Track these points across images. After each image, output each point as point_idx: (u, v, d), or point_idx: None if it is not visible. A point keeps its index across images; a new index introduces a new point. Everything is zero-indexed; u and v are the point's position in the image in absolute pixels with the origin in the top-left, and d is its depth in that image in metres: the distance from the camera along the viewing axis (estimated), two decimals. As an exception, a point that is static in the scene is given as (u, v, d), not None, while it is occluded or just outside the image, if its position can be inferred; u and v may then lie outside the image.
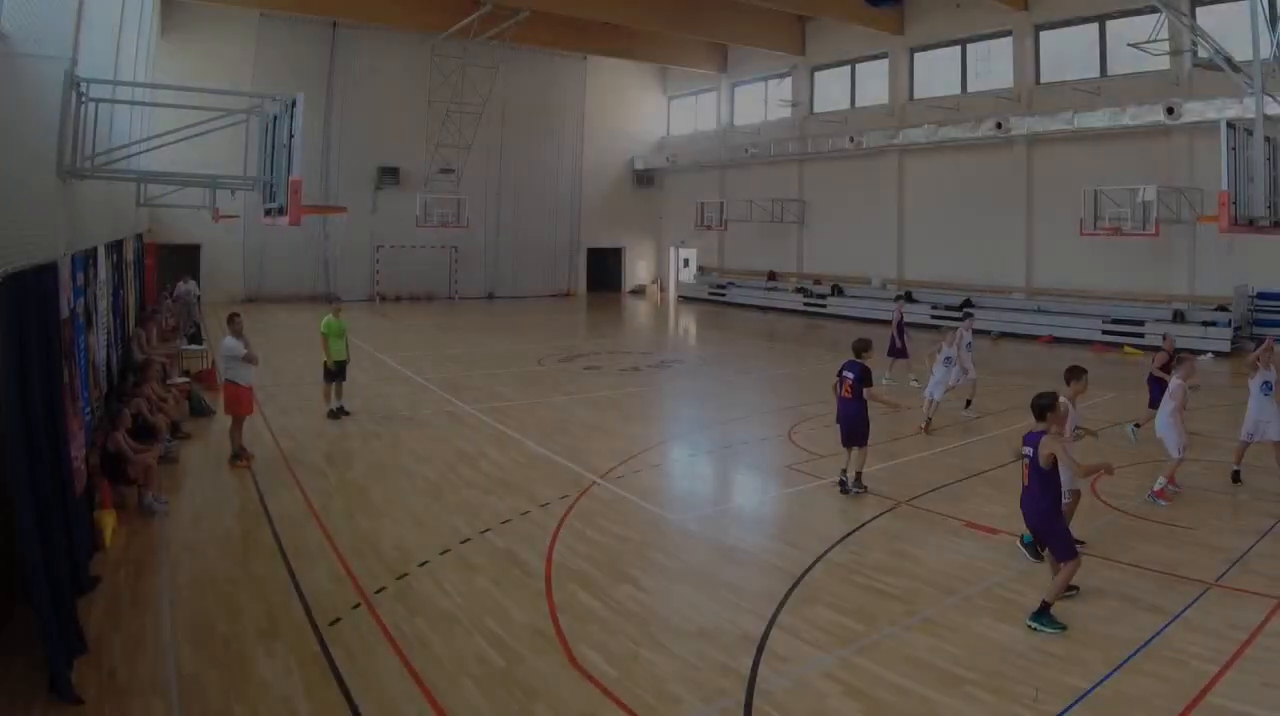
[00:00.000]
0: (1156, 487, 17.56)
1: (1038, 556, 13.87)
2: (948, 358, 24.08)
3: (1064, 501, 13.26)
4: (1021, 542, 14.51)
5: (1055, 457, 11.93)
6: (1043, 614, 11.92)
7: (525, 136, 68.91)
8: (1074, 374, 14.40)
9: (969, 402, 26.22)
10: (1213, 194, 27.13)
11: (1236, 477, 18.75)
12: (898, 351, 30.92)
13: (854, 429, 18.14)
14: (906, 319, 32.02)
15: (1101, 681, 10.30)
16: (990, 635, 11.61)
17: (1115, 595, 12.80)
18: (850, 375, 18.03)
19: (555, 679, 10.44)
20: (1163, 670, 10.52)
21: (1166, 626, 11.67)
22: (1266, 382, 18.54)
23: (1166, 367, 21.89)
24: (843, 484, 18.21)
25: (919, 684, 10.34)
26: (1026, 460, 12.20)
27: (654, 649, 11.24)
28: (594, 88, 72.32)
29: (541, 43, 60.93)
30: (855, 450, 18.23)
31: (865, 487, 18.18)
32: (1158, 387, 21.81)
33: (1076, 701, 9.87)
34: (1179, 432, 17.69)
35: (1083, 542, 13.61)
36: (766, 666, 10.78)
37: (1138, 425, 23.08)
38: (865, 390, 18.10)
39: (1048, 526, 12.26)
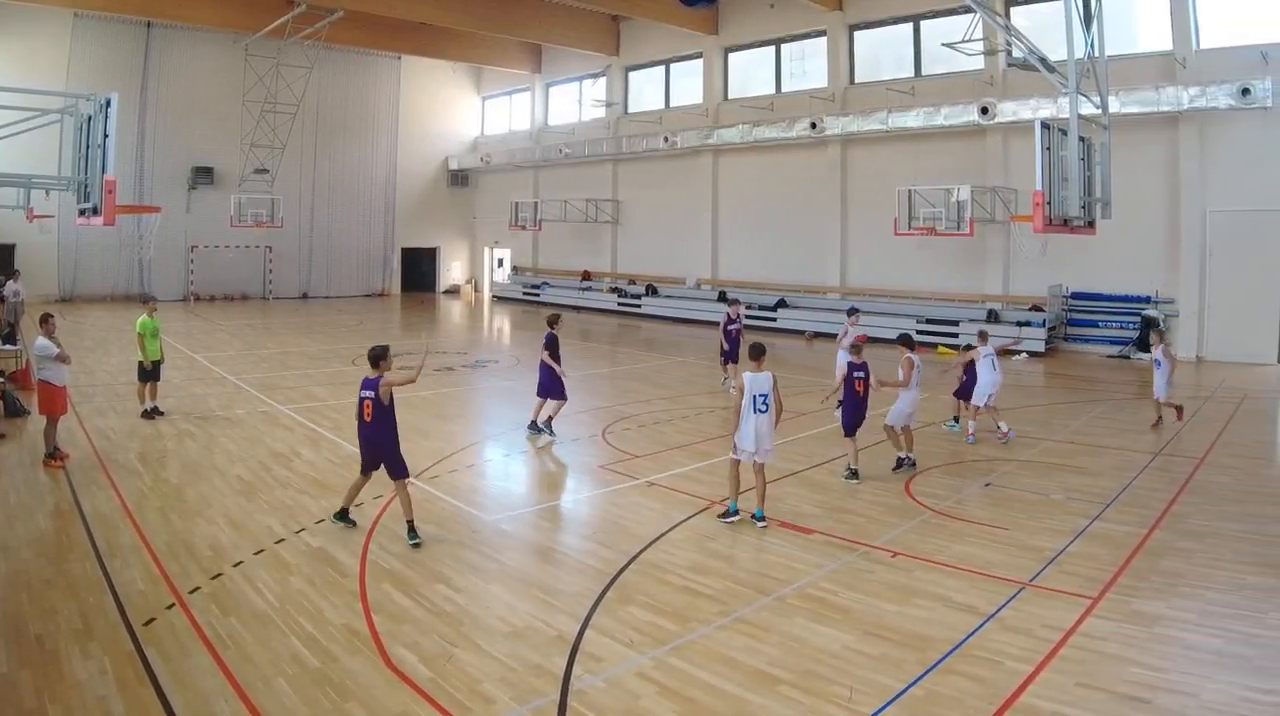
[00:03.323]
0: None
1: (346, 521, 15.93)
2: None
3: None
4: None
5: (392, 392, 15.36)
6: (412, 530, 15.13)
7: (340, 136, 69.05)
8: (758, 351, 16.84)
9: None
10: (1027, 193, 27.77)
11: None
12: (727, 354, 30.12)
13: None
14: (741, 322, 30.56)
15: (916, 681, 10.42)
16: (804, 635, 11.68)
17: (929, 595, 12.96)
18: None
19: (369, 678, 10.40)
20: (977, 670, 10.67)
21: (981, 626, 11.86)
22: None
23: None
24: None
25: (733, 684, 10.39)
26: (369, 400, 15.26)
27: (468, 649, 11.21)
28: (408, 88, 72.54)
29: (356, 43, 61.60)
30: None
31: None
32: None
33: (891, 701, 9.97)
34: None
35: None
36: (581, 666, 10.80)
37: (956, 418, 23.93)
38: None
39: (390, 453, 15.37)
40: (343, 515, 15.84)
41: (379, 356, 15.46)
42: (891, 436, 20.28)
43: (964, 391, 23.77)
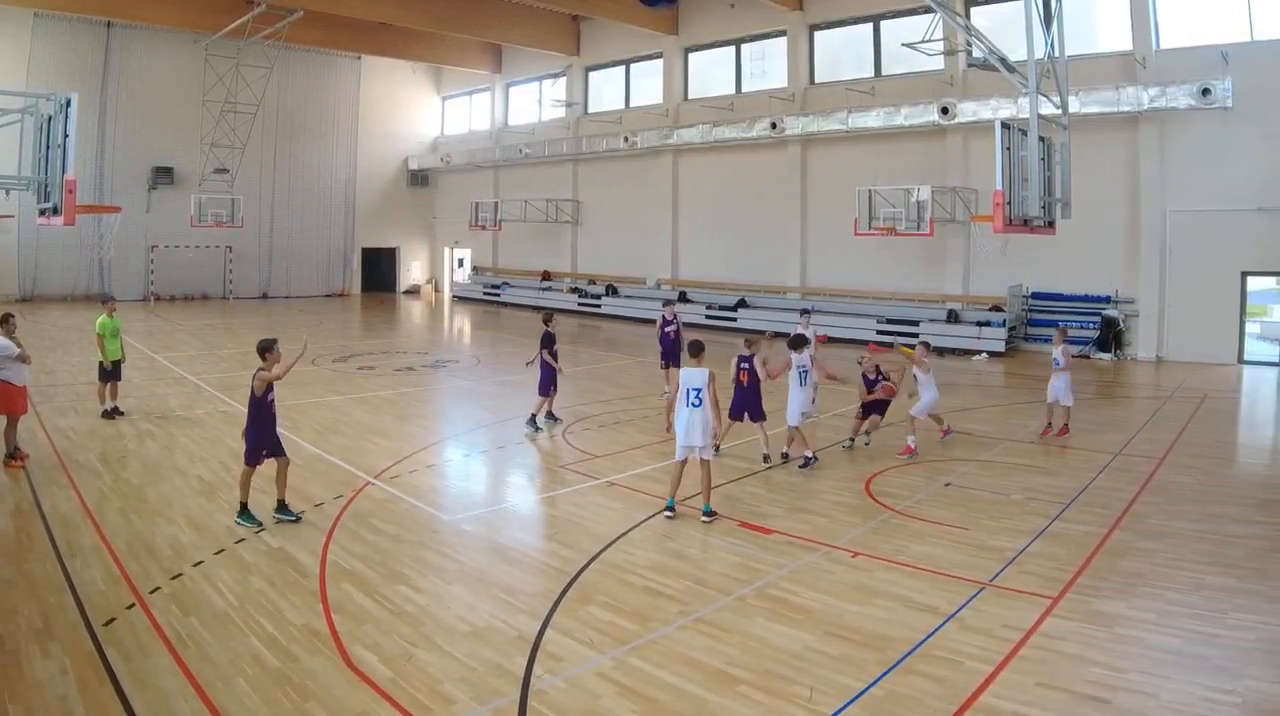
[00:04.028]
0: None
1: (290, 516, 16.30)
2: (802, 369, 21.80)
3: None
4: None
5: (269, 386, 16.23)
6: (244, 511, 15.98)
7: (300, 136, 68.90)
8: (696, 348, 17.34)
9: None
10: (987, 193, 27.86)
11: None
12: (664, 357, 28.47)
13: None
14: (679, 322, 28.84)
15: (876, 681, 10.41)
16: (765, 635, 11.67)
17: (889, 595, 12.96)
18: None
19: (329, 679, 10.37)
20: (937, 670, 10.67)
21: (941, 626, 11.86)
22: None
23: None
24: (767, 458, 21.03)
25: (693, 684, 10.39)
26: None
27: (429, 649, 11.20)
28: (368, 88, 72.45)
29: (316, 43, 61.25)
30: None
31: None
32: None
33: (851, 701, 9.97)
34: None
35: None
36: (541, 666, 10.79)
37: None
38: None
39: (247, 437, 16.24)
40: (282, 508, 16.16)
41: (263, 349, 16.39)
42: (798, 438, 20.77)
43: (874, 407, 22.50)
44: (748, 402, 20.75)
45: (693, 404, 16.40)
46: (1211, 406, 28.39)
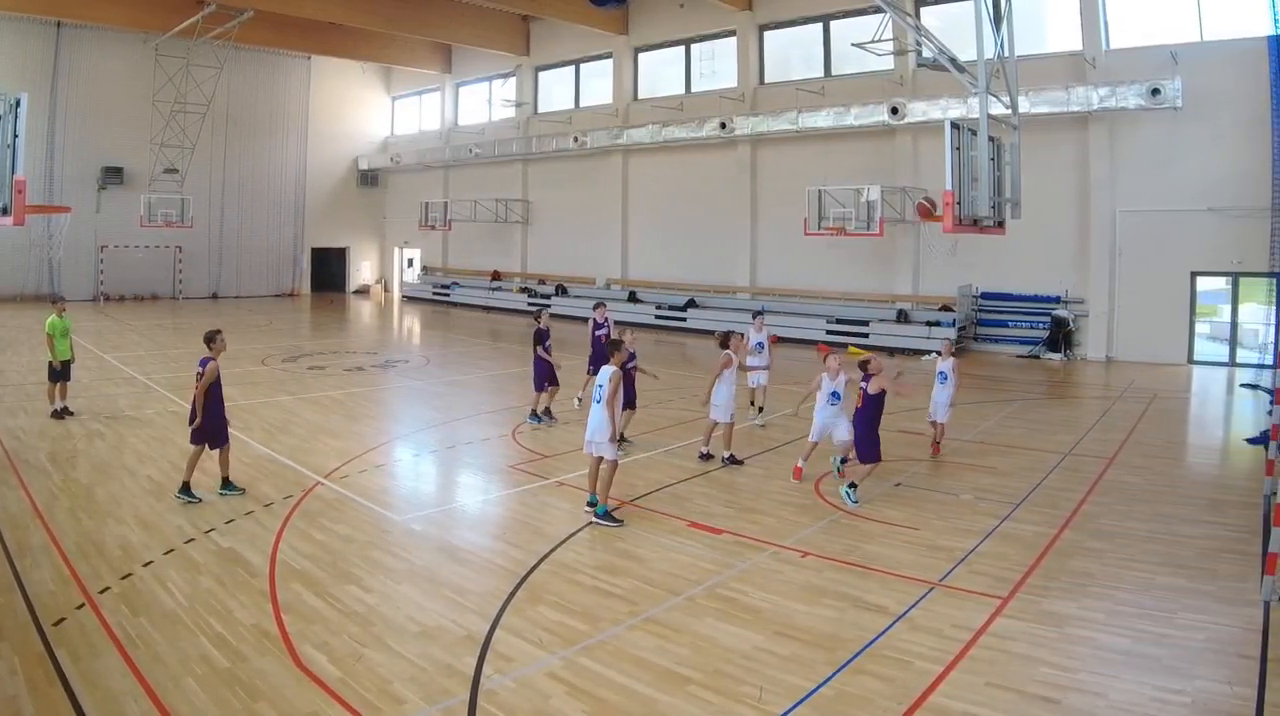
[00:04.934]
0: None
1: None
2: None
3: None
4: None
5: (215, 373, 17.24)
6: (225, 484, 17.38)
7: (250, 136, 68.66)
8: (612, 346, 17.69)
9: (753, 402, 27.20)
10: (937, 193, 27.82)
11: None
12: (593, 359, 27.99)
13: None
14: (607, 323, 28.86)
15: (825, 681, 10.43)
16: (714, 635, 11.69)
17: (839, 595, 12.98)
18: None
19: (279, 678, 10.33)
20: (886, 670, 10.69)
21: (890, 626, 11.88)
22: (834, 393, 19.40)
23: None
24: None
25: (643, 684, 10.40)
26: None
27: (378, 649, 11.18)
28: (318, 88, 72.34)
29: (265, 43, 61.09)
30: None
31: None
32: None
33: (800, 701, 9.99)
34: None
35: None
36: (491, 666, 10.78)
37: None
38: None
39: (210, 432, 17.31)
40: (185, 489, 17.08)
41: (208, 338, 17.55)
42: (726, 433, 20.89)
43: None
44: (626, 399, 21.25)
45: (596, 400, 16.67)
46: (1161, 406, 28.51)
